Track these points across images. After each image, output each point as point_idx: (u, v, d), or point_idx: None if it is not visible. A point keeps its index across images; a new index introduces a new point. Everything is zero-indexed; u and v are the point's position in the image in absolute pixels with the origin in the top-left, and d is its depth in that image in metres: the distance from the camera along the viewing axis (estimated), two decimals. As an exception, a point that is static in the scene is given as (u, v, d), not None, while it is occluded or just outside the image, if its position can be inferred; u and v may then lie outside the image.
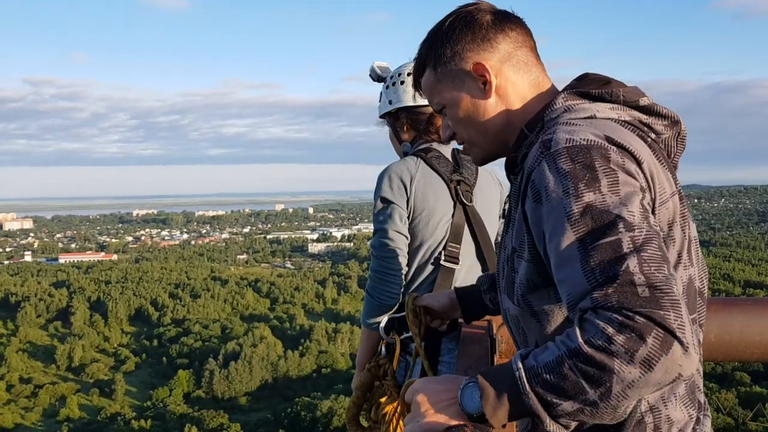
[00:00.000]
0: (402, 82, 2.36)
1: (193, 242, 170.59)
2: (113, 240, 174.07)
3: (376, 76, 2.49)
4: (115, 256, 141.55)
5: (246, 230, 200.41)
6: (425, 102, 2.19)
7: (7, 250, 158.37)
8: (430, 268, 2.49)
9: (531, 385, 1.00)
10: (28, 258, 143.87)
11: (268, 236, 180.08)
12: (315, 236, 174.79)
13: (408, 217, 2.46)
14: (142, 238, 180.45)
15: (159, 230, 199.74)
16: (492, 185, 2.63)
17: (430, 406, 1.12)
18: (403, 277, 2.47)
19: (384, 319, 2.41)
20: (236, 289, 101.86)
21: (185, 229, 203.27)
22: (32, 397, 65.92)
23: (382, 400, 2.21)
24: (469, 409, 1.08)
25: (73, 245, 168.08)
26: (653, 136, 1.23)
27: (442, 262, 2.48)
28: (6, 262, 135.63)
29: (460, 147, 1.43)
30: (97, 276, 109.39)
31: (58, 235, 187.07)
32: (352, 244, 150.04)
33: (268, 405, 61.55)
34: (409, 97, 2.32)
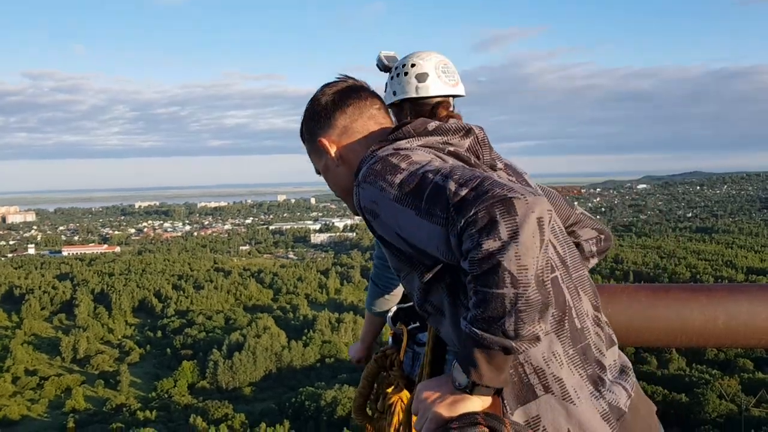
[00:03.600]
0: (405, 73, 2.32)
1: (195, 234, 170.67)
2: (116, 232, 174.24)
3: (383, 66, 2.44)
4: (118, 248, 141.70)
5: (248, 221, 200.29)
6: (429, 93, 2.17)
7: (11, 243, 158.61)
8: None
9: (478, 327, 1.13)
10: (31, 251, 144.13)
11: (271, 227, 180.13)
12: (317, 226, 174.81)
13: None
14: (145, 230, 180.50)
15: (161, 222, 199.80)
16: None
17: (435, 399, 1.24)
18: None
19: (393, 309, 2.41)
20: (239, 280, 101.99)
21: (187, 221, 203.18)
22: (38, 389, 66.07)
23: (389, 390, 2.22)
24: (462, 382, 1.20)
25: (76, 238, 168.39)
26: (451, 149, 1.41)
27: None
28: (10, 255, 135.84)
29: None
30: (101, 268, 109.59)
31: (61, 228, 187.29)
32: (354, 234, 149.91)
33: (273, 395, 61.64)
34: (412, 88, 2.28)
